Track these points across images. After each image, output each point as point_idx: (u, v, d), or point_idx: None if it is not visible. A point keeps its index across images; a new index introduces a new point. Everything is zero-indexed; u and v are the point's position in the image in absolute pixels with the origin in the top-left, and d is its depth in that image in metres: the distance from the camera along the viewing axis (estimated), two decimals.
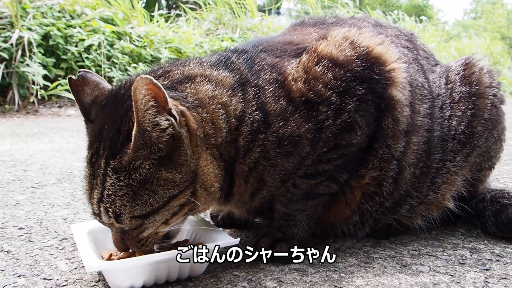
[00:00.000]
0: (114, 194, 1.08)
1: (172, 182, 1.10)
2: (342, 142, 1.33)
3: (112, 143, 1.10)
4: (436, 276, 1.26)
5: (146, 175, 1.08)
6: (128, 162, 1.07)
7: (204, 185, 1.17)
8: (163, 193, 1.10)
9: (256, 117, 1.24)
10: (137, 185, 1.08)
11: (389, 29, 1.65)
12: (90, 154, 1.15)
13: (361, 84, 1.31)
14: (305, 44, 1.39)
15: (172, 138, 1.09)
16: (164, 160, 1.09)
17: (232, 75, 1.28)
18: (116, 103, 1.17)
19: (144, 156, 1.07)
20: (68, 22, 6.33)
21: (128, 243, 1.18)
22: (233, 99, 1.24)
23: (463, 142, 1.55)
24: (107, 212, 1.11)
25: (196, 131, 1.15)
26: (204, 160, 1.16)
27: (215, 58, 1.35)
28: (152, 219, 1.12)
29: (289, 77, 1.30)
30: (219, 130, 1.20)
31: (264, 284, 1.21)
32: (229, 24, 9.02)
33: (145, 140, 1.06)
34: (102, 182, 1.10)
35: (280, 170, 1.30)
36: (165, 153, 1.09)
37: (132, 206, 1.09)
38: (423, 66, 1.60)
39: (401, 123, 1.40)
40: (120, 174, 1.08)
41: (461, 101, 1.57)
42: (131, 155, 1.07)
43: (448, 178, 1.56)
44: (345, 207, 1.48)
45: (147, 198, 1.09)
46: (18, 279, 1.26)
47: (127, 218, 1.10)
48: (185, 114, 1.13)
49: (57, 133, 4.35)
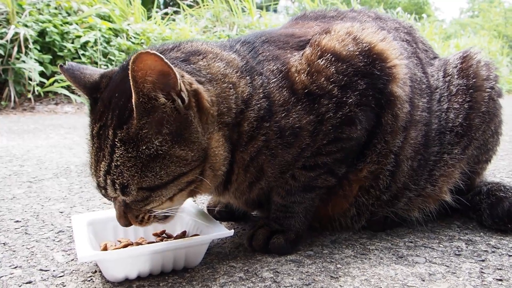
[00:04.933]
0: (122, 165, 1.08)
1: (184, 160, 1.11)
2: (342, 135, 1.33)
3: (120, 113, 1.10)
4: (432, 267, 1.26)
5: (158, 151, 1.08)
6: (135, 133, 1.07)
7: (213, 166, 1.18)
8: (175, 169, 1.10)
9: (263, 104, 1.25)
10: (147, 158, 1.08)
11: (389, 21, 1.65)
12: (98, 127, 1.14)
13: (362, 79, 1.32)
14: (307, 37, 1.39)
15: (178, 113, 1.08)
16: (175, 137, 1.09)
17: (240, 59, 1.28)
18: (127, 73, 1.16)
19: (151, 128, 1.07)
20: (65, 19, 6.32)
21: (130, 219, 1.18)
22: (242, 81, 1.24)
23: (461, 135, 1.56)
24: (113, 184, 1.11)
25: (210, 110, 1.15)
26: (216, 141, 1.17)
27: (220, 43, 1.35)
28: (159, 193, 1.13)
29: (292, 69, 1.30)
30: (229, 109, 1.20)
31: (261, 275, 1.21)
32: (226, 21, 9.00)
33: (148, 110, 1.05)
34: (110, 154, 1.10)
35: (280, 161, 1.30)
36: (174, 128, 1.08)
37: (141, 177, 1.09)
38: (422, 60, 1.60)
39: (400, 119, 1.40)
40: (128, 145, 1.08)
41: (459, 94, 1.58)
42: (137, 125, 1.06)
43: (445, 170, 1.57)
44: (343, 200, 1.49)
45: (158, 171, 1.09)
46: (14, 270, 1.26)
47: (135, 189, 1.10)
48: (198, 93, 1.12)
49: (53, 130, 4.34)
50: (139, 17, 7.77)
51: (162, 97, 1.05)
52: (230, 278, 1.19)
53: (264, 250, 1.36)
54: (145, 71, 1.01)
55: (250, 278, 1.19)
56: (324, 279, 1.19)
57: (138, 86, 1.02)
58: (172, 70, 1.03)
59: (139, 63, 1.00)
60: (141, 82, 1.02)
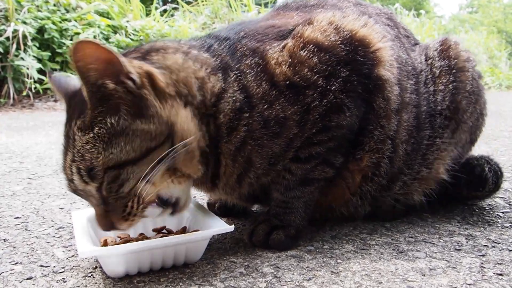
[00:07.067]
0: (83, 149, 1.09)
1: (148, 133, 1.11)
2: (331, 123, 1.34)
3: (81, 107, 1.12)
4: (433, 262, 1.26)
5: (119, 127, 1.09)
6: (90, 121, 1.09)
7: (184, 139, 1.16)
8: (141, 143, 1.10)
9: (238, 96, 1.26)
10: (108, 136, 1.09)
11: (370, 7, 1.67)
12: (67, 127, 1.17)
13: (345, 66, 1.32)
14: (288, 27, 1.39)
15: (132, 94, 1.10)
16: (135, 114, 1.10)
17: (214, 59, 1.29)
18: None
19: (107, 112, 1.09)
20: (63, 16, 6.31)
21: (112, 218, 1.15)
22: (212, 77, 1.25)
23: (449, 118, 1.58)
24: (79, 171, 1.11)
25: (165, 89, 1.16)
26: (182, 116, 1.17)
27: (197, 43, 1.36)
28: (130, 170, 1.11)
29: (272, 61, 1.30)
30: (193, 95, 1.22)
31: (261, 270, 1.21)
32: (225, 17, 8.98)
33: (100, 99, 1.08)
34: (73, 143, 1.12)
35: (267, 151, 1.31)
36: (132, 106, 1.10)
37: (105, 156, 1.09)
38: (405, 44, 1.63)
39: (392, 102, 1.41)
40: (85, 131, 1.10)
41: (442, 75, 1.60)
42: (92, 114, 1.09)
43: (439, 154, 1.59)
44: (346, 191, 1.49)
45: (123, 145, 1.09)
46: (15, 266, 1.26)
47: (101, 170, 1.09)
48: (151, 74, 1.14)
49: (53, 127, 4.33)
50: (138, 14, 7.76)
51: (110, 83, 1.07)
52: (230, 274, 1.19)
53: (264, 246, 1.36)
54: (86, 60, 1.03)
55: (251, 274, 1.19)
56: (325, 274, 1.19)
57: (83, 76, 1.04)
58: (112, 54, 1.04)
59: (77, 53, 1.02)
60: (85, 71, 1.04)
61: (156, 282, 1.15)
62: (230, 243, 1.42)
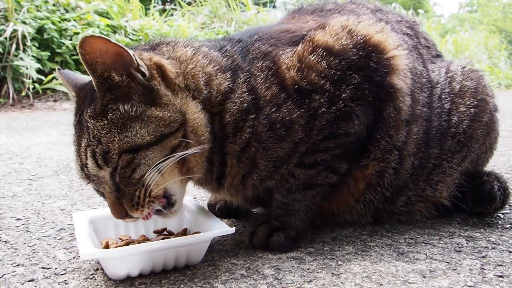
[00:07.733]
0: (99, 133, 1.12)
1: (162, 120, 1.14)
2: (338, 131, 1.33)
3: (91, 97, 1.17)
4: (433, 263, 1.27)
5: (133, 112, 1.13)
6: (101, 108, 1.13)
7: (195, 130, 1.19)
8: (155, 128, 1.13)
9: (246, 97, 1.27)
10: (122, 121, 1.12)
11: (390, 14, 1.65)
12: (78, 116, 1.20)
13: (357, 72, 1.31)
14: (302, 32, 1.39)
15: (142, 86, 1.14)
16: (147, 101, 1.14)
17: (225, 59, 1.31)
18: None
19: (117, 100, 1.13)
20: (63, 16, 6.30)
21: (124, 203, 1.16)
22: (220, 75, 1.27)
23: (462, 144, 1.55)
24: (94, 155, 1.13)
25: (175, 80, 1.21)
26: (192, 107, 1.20)
27: (210, 43, 1.39)
28: (144, 155, 1.13)
29: (283, 66, 1.30)
30: (199, 89, 1.24)
31: (262, 272, 1.22)
32: (224, 17, 8.98)
33: (107, 89, 1.12)
34: (87, 130, 1.14)
35: (272, 154, 1.31)
36: (144, 95, 1.14)
37: (120, 139, 1.11)
38: (423, 56, 1.60)
39: (403, 112, 1.39)
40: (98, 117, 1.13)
41: (466, 96, 1.57)
42: (101, 102, 1.13)
43: (443, 178, 1.57)
44: (349, 198, 1.49)
45: (139, 129, 1.12)
46: (17, 268, 1.26)
47: (117, 153, 1.11)
48: (161, 65, 1.20)
49: (52, 127, 4.33)
50: (137, 13, 7.75)
51: (116, 76, 1.11)
52: (231, 275, 1.20)
53: (264, 247, 1.36)
54: (94, 53, 1.07)
55: (252, 275, 1.20)
56: (325, 276, 1.19)
57: (91, 68, 1.09)
58: (121, 48, 1.09)
59: (86, 46, 1.07)
60: (92, 64, 1.08)
61: (157, 284, 1.16)
62: (231, 244, 1.43)
